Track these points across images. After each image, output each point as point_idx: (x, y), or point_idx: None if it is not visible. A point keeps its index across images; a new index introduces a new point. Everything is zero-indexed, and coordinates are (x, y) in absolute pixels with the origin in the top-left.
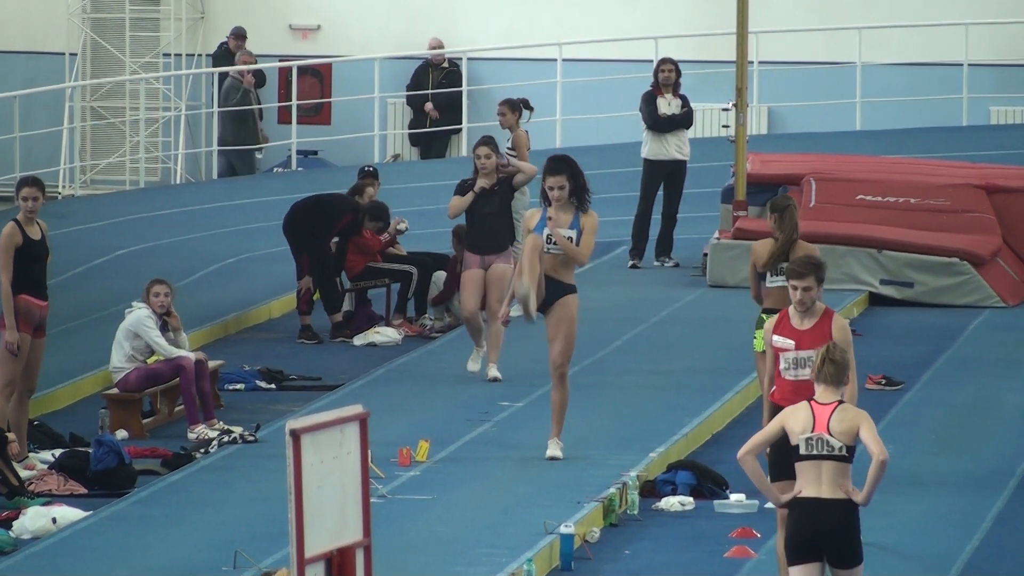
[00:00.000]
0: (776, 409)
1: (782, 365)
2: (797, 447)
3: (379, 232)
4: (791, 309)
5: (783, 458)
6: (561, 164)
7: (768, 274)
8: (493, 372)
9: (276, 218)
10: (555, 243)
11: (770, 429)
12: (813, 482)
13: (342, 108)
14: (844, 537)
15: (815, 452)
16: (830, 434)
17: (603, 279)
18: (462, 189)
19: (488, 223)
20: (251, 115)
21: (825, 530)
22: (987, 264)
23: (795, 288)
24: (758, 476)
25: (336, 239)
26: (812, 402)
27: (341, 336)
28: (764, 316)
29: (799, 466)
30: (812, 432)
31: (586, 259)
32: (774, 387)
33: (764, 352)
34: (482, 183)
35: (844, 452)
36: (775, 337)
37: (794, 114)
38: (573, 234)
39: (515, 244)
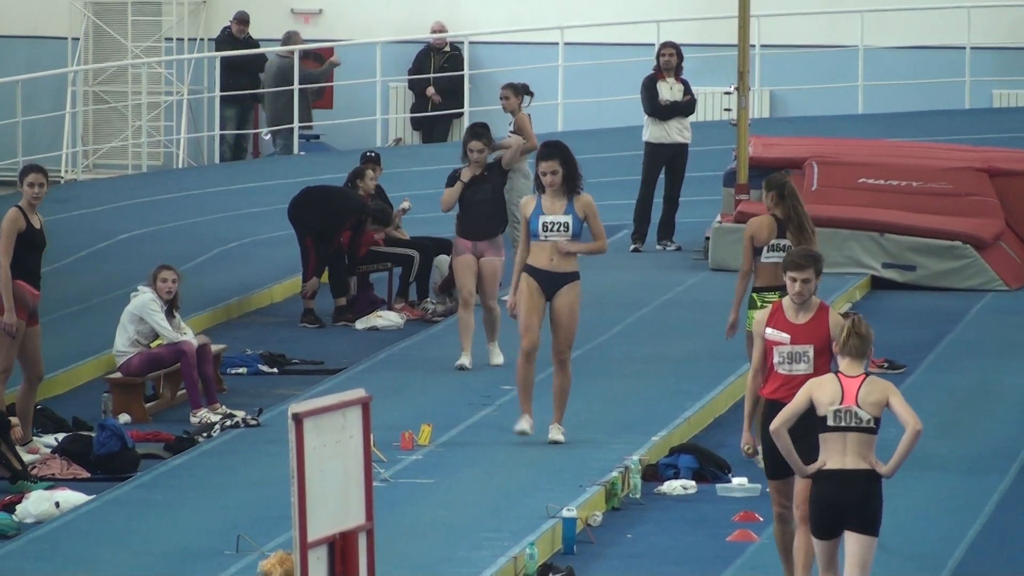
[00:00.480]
0: (767, 404)
1: (776, 359)
2: (824, 418)
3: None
4: (786, 302)
5: (776, 455)
6: (553, 149)
7: (764, 250)
8: (497, 359)
9: (278, 202)
10: (553, 229)
11: (798, 400)
12: (838, 453)
13: (344, 92)
14: (866, 507)
15: (843, 424)
16: (859, 406)
17: (605, 263)
18: (452, 180)
19: (479, 210)
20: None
21: (849, 500)
22: (989, 247)
23: (794, 280)
24: (788, 449)
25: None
26: (839, 375)
27: (343, 320)
28: (756, 296)
29: (824, 437)
30: (841, 404)
31: (605, 246)
32: (762, 381)
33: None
34: (469, 172)
35: (872, 424)
36: (768, 330)
37: (796, 97)
38: (569, 219)
39: (514, 224)
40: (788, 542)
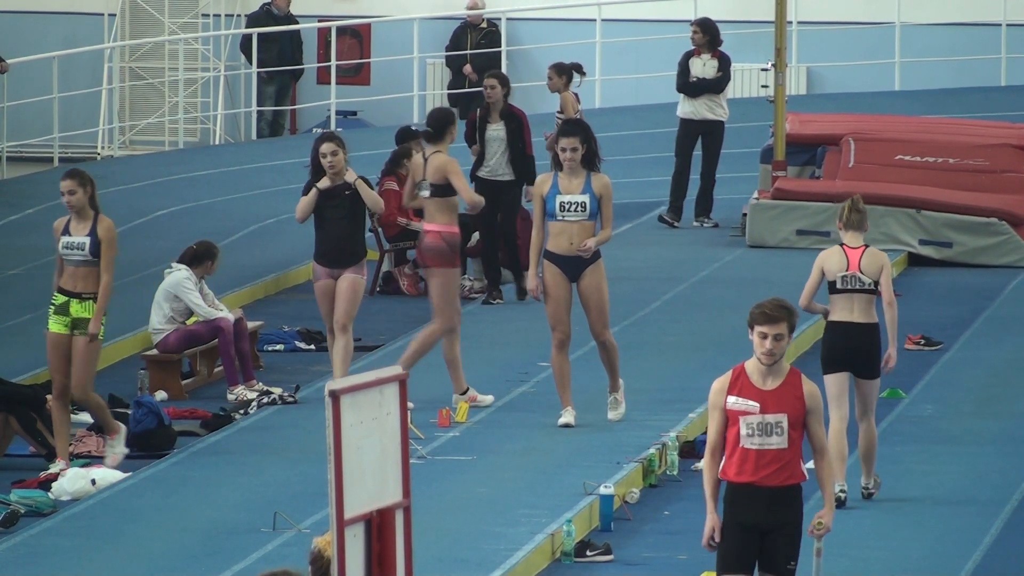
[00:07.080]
0: (732, 489)
1: (743, 431)
2: (834, 282)
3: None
4: (750, 366)
5: (734, 547)
6: (575, 127)
7: None
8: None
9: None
10: (570, 209)
11: (813, 277)
12: (846, 310)
13: (381, 69)
14: (870, 354)
15: (849, 287)
16: (861, 272)
17: (642, 239)
18: (307, 189)
19: (335, 230)
20: None
21: (856, 348)
22: None
23: (764, 336)
24: (819, 309)
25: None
26: (843, 246)
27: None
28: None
29: (834, 297)
30: (847, 271)
31: (611, 234)
32: (723, 460)
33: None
34: (325, 182)
35: (872, 286)
36: (731, 399)
37: (833, 74)
38: (587, 199)
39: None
40: None
